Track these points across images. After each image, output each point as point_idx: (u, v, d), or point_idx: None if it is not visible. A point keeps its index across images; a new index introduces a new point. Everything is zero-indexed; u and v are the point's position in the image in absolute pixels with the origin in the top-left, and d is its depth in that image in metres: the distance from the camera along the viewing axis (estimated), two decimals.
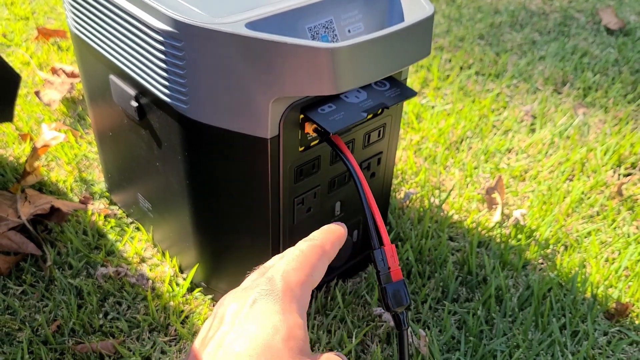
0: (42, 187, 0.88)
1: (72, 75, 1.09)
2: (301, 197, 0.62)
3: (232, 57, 0.51)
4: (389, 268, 0.54)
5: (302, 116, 0.56)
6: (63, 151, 0.94)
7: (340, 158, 0.57)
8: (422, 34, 0.57)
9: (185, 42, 0.52)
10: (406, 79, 0.65)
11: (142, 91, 0.62)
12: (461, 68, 1.27)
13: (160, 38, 0.54)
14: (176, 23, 0.52)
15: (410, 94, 0.60)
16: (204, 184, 0.62)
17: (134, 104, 0.63)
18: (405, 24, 0.54)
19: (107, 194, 0.87)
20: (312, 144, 0.60)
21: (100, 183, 0.90)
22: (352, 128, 0.62)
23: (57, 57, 1.21)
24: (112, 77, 0.66)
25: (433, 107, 1.12)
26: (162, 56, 0.55)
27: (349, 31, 0.59)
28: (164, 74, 0.56)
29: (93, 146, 0.97)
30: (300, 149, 0.59)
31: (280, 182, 0.59)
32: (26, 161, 0.84)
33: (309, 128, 0.57)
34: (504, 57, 1.30)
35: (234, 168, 0.59)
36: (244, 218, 0.63)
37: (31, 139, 0.97)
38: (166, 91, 0.57)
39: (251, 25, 0.51)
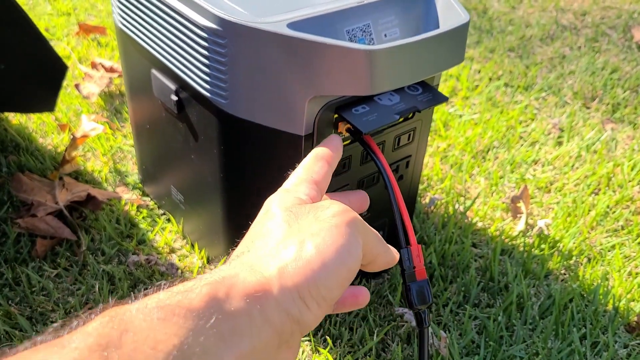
0: (78, 175, 0.91)
1: (110, 70, 1.13)
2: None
3: (273, 56, 0.53)
4: (414, 267, 0.56)
5: (336, 116, 0.58)
6: (99, 142, 0.97)
7: (371, 157, 0.58)
8: (457, 40, 0.58)
9: (228, 40, 0.54)
10: (438, 84, 0.67)
11: (182, 85, 0.65)
12: (490, 79, 1.27)
13: (204, 34, 0.56)
14: (221, 21, 0.54)
15: (441, 99, 0.61)
16: (237, 177, 0.65)
17: (174, 97, 0.66)
18: (441, 30, 0.56)
19: (140, 185, 0.90)
20: (344, 143, 0.61)
21: (133, 175, 0.93)
22: (384, 130, 0.64)
23: (97, 52, 1.25)
24: (154, 71, 0.69)
25: (461, 116, 1.13)
26: (205, 52, 0.57)
27: (385, 35, 0.60)
28: (206, 70, 0.58)
29: (128, 139, 1.00)
30: None
31: None
32: (65, 150, 0.87)
33: (342, 128, 0.59)
34: (534, 70, 1.30)
35: (267, 163, 0.61)
36: None
37: (70, 130, 1.00)
38: (207, 86, 0.59)
39: (292, 25, 0.53)
